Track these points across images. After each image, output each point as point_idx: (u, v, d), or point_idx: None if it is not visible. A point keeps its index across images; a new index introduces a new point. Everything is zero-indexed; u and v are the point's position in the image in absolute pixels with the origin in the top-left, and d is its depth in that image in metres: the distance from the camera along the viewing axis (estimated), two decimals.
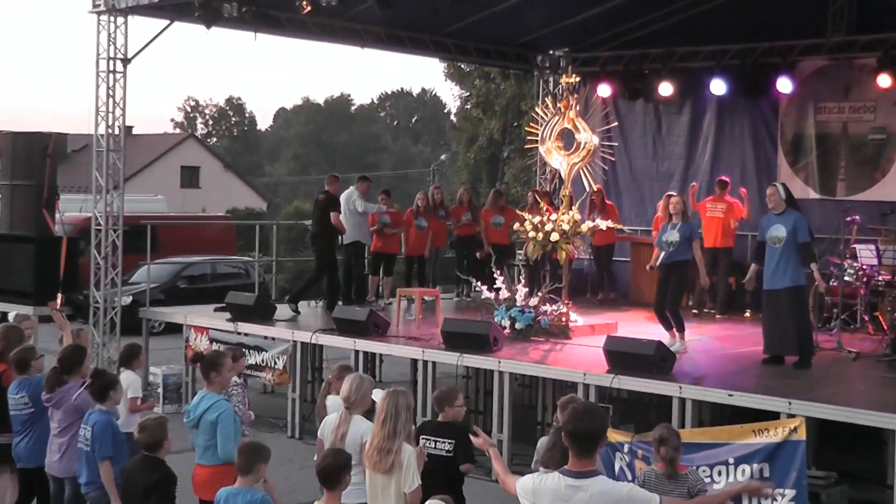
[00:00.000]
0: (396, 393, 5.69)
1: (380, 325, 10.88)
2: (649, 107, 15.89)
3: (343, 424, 6.01)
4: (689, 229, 10.10)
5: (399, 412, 5.59)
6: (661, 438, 5.90)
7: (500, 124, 31.05)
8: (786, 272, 9.19)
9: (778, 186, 9.49)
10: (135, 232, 15.75)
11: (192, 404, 6.61)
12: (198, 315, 12.67)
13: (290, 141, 72.48)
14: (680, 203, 10.15)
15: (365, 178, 14.26)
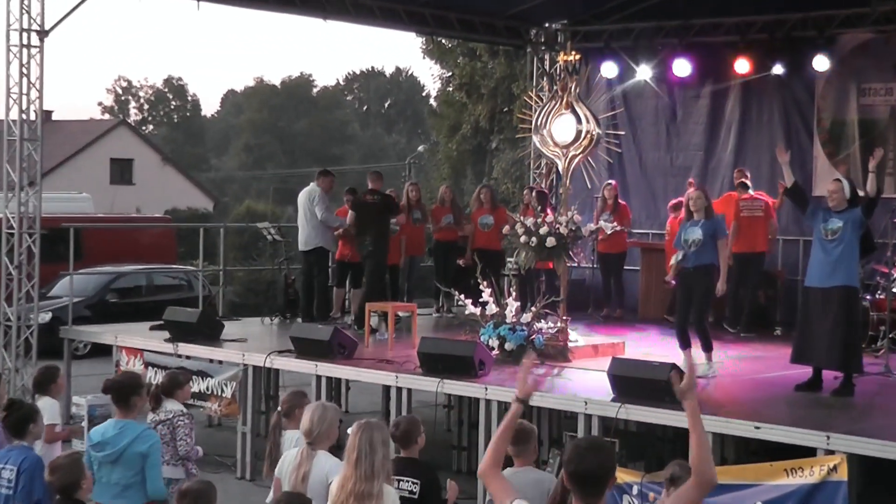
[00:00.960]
0: (370, 426, 5.64)
1: (346, 345, 10.86)
2: (662, 89, 15.94)
3: (305, 462, 5.98)
4: (714, 226, 10.11)
5: (375, 448, 5.54)
6: (674, 478, 5.88)
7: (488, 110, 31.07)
8: (838, 269, 9.17)
9: (843, 182, 9.48)
10: (55, 236, 15.67)
11: (110, 434, 6.56)
12: (130, 335, 12.62)
13: (240, 129, 72.37)
14: (702, 198, 10.17)
15: (327, 172, 14.25)
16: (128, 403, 6.67)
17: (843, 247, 9.21)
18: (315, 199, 13.71)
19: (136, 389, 6.73)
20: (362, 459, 5.47)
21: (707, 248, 10.07)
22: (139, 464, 6.42)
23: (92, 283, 19.38)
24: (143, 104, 75.42)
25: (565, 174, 11.58)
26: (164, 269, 20.94)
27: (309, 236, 13.78)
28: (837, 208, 9.33)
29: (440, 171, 34.83)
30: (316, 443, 6.05)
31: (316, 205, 13.68)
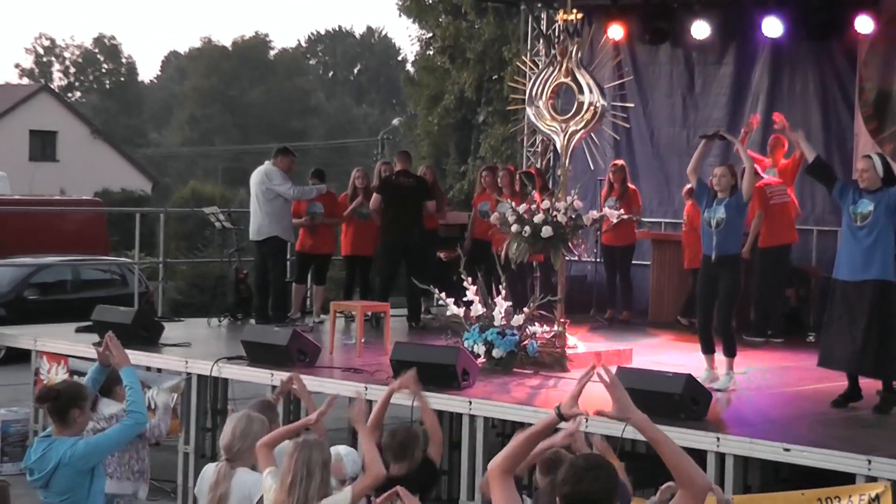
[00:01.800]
0: (308, 445, 5.67)
1: (307, 351, 10.84)
2: (678, 54, 15.95)
3: (223, 481, 6.00)
4: (739, 201, 10.12)
5: (312, 471, 5.57)
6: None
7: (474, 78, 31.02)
8: (871, 261, 9.19)
9: (874, 158, 9.48)
10: None
11: (37, 456, 6.55)
12: (53, 338, 12.57)
13: (184, 98, 72.21)
14: (727, 175, 10.19)
15: (287, 151, 14.24)
16: (65, 418, 6.64)
17: (877, 233, 9.22)
18: (274, 178, 13.69)
19: (78, 401, 6.69)
20: (297, 485, 5.50)
21: (733, 230, 10.10)
22: (71, 482, 6.42)
23: (7, 277, 19.30)
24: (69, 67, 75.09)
25: (564, 153, 11.59)
26: (93, 261, 20.85)
27: (262, 224, 13.75)
28: (870, 188, 9.35)
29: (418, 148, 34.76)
30: (236, 459, 6.09)
31: (276, 185, 13.65)
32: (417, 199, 14.07)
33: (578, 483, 4.21)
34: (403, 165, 14.45)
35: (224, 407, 12.15)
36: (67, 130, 46.41)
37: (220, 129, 69.51)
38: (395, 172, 14.37)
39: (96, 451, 6.68)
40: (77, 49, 74.99)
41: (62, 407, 6.67)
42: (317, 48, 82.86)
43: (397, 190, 14.04)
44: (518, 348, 10.80)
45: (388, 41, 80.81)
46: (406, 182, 14.13)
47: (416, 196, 14.03)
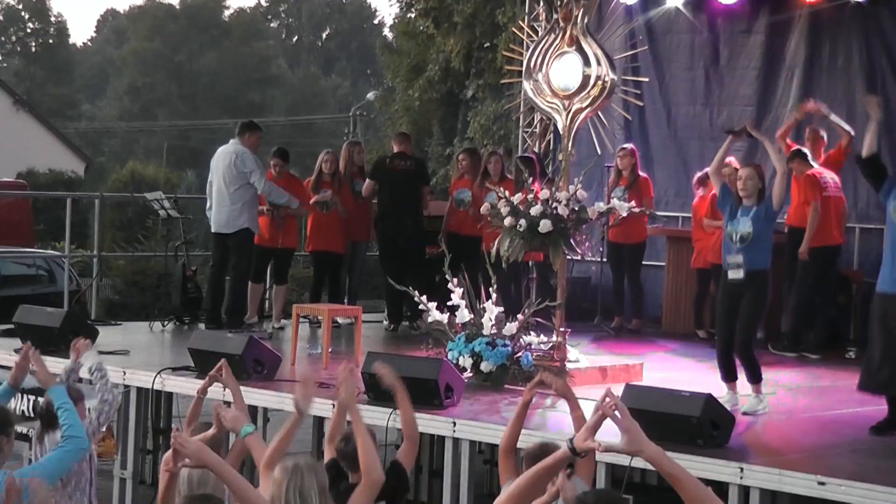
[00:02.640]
0: (299, 470, 5.69)
1: (264, 361, 10.86)
2: (700, 20, 15.99)
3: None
4: (768, 211, 10.12)
5: (306, 498, 5.59)
6: None
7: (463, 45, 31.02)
8: None
9: None
10: None
11: None
12: None
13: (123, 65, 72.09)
14: (755, 178, 10.17)
15: (254, 126, 14.30)
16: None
17: None
18: (245, 161, 13.71)
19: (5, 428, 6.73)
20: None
21: (762, 246, 10.07)
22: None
23: None
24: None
25: (567, 135, 11.61)
26: (15, 253, 20.80)
27: (231, 214, 13.75)
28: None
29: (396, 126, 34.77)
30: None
31: (249, 171, 13.68)
32: (416, 185, 14.36)
33: None
34: (401, 147, 14.77)
35: (168, 425, 12.16)
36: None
37: (165, 102, 69.45)
38: (391, 155, 14.66)
39: None
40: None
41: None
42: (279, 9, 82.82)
43: (393, 175, 14.26)
44: (510, 361, 10.81)
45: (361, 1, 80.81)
46: (402, 165, 14.44)
47: (413, 181, 14.35)
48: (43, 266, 20.50)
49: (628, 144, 15.12)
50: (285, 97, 70.97)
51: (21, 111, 47.65)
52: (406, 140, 15.30)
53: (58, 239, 27.59)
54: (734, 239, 10.09)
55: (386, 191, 14.44)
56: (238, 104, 63.31)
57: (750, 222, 10.04)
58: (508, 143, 24.76)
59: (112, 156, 63.04)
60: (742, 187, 10.15)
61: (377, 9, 78.68)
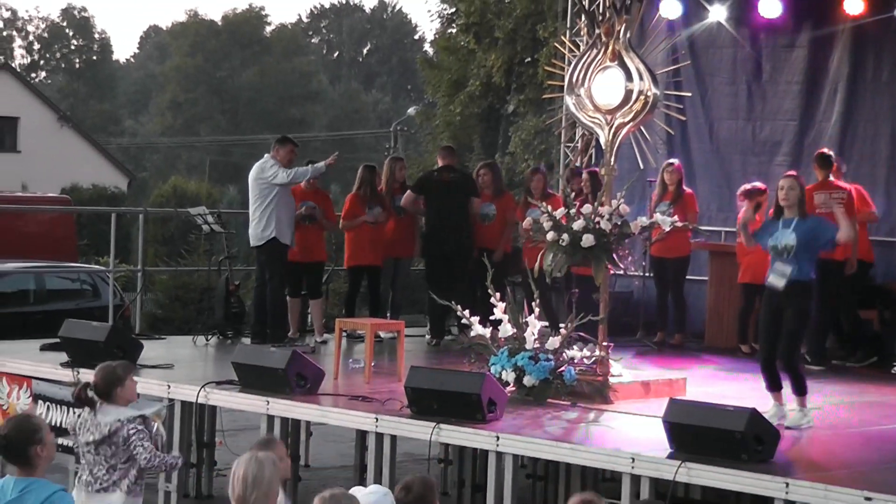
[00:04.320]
0: (336, 500, 5.71)
1: (307, 375, 10.88)
2: (743, 35, 15.97)
3: None
4: (815, 229, 10.10)
5: None
6: None
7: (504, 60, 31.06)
8: None
9: None
10: None
11: (8, 499, 6.57)
12: (14, 356, 12.61)
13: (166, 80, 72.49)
14: (796, 188, 10.15)
15: (287, 140, 14.30)
16: (25, 458, 6.67)
17: None
18: (267, 170, 13.76)
19: (33, 437, 6.71)
20: None
21: (806, 256, 10.06)
22: None
23: None
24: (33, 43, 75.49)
25: (609, 149, 11.60)
26: (59, 268, 20.96)
27: (258, 227, 13.80)
28: None
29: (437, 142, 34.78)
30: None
31: (270, 176, 13.70)
32: (464, 198, 14.44)
33: None
34: (447, 161, 14.87)
35: (211, 439, 12.20)
36: (30, 116, 46.61)
37: (207, 117, 69.73)
38: (438, 168, 14.76)
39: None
40: (42, 22, 75.47)
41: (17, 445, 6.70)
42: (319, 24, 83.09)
43: (440, 187, 14.35)
44: (553, 376, 10.79)
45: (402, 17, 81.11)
46: (450, 178, 14.55)
47: (462, 194, 14.44)
48: (87, 281, 20.64)
49: (674, 160, 15.09)
50: (326, 112, 71.18)
51: (65, 127, 47.93)
52: (452, 153, 15.38)
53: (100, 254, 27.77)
54: (779, 251, 10.11)
55: (434, 205, 14.50)
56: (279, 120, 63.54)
57: (792, 234, 10.04)
58: (549, 158, 24.79)
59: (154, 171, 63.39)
60: (784, 197, 10.15)
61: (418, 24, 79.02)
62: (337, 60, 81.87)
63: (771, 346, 10.24)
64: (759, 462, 8.57)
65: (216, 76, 70.62)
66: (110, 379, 8.36)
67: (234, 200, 41.16)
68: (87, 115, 64.98)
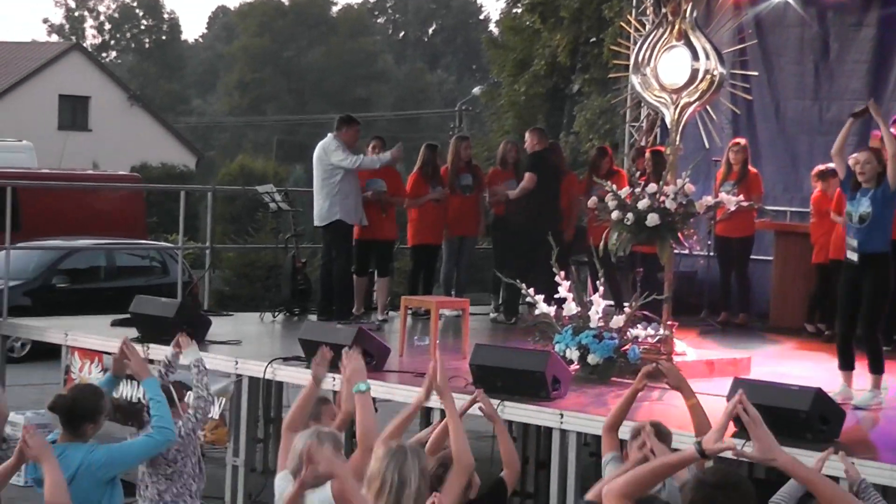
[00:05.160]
0: (402, 452, 5.74)
1: (374, 352, 10.90)
2: (810, 14, 15.83)
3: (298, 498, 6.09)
4: (886, 192, 9.96)
5: (405, 480, 5.64)
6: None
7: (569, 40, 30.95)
8: None
9: None
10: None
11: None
12: (85, 331, 12.73)
13: (232, 60, 72.78)
14: (872, 161, 10.05)
15: (351, 120, 14.30)
16: (77, 430, 6.79)
17: None
18: (331, 152, 13.77)
19: (94, 415, 6.85)
20: (388, 492, 5.58)
21: (880, 226, 9.97)
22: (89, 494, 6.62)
23: (33, 262, 19.59)
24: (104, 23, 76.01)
25: (674, 129, 11.56)
26: (129, 245, 21.11)
27: (323, 207, 13.84)
28: None
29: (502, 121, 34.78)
30: None
31: (337, 160, 13.71)
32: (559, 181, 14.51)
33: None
34: (542, 143, 14.76)
35: (278, 415, 12.27)
36: (101, 96, 46.91)
37: (273, 97, 69.93)
38: (546, 149, 14.66)
39: (117, 462, 6.86)
40: (113, 3, 75.91)
41: (76, 419, 6.83)
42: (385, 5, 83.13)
43: (552, 170, 14.39)
44: (617, 354, 10.79)
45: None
46: (557, 160, 14.67)
47: (560, 177, 14.53)
48: (156, 258, 20.83)
49: (741, 139, 14.99)
50: (391, 92, 71.22)
51: (135, 106, 48.20)
52: (543, 135, 15.14)
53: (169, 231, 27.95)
54: (853, 220, 10.03)
55: (546, 186, 14.38)
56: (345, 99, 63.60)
57: (869, 202, 9.96)
58: (614, 137, 24.70)
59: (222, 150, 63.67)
60: (860, 171, 10.07)
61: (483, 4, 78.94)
62: (402, 40, 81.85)
63: (848, 323, 10.17)
64: (823, 442, 8.50)
65: (283, 56, 70.80)
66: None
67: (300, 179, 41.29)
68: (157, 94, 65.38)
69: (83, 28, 75.25)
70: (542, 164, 14.52)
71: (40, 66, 45.95)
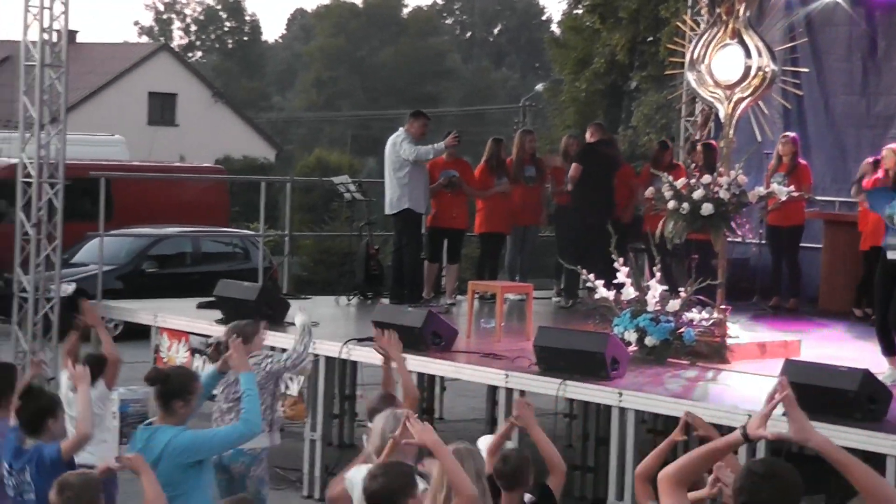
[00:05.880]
0: (460, 454, 5.77)
1: (442, 334, 10.92)
2: (859, 13, 15.64)
3: None
4: None
5: None
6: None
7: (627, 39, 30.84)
8: None
9: None
10: (81, 188, 15.95)
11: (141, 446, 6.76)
12: (173, 313, 12.86)
13: (309, 60, 73.01)
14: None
15: (420, 114, 14.30)
16: (168, 406, 6.86)
17: None
18: (397, 145, 13.78)
19: (183, 394, 6.93)
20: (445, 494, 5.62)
21: None
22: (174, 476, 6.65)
23: (125, 249, 19.76)
24: (190, 25, 76.47)
25: (728, 123, 11.47)
26: (214, 232, 21.23)
27: (393, 196, 13.87)
28: None
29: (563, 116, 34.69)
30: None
31: (401, 150, 13.71)
32: (613, 173, 14.45)
33: (757, 493, 4.19)
34: (604, 136, 14.80)
35: (353, 392, 12.32)
36: (187, 93, 47.22)
37: (348, 93, 70.08)
38: (598, 141, 14.62)
39: (201, 447, 6.88)
40: (198, 6, 76.37)
41: (167, 394, 6.90)
42: (453, 6, 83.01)
43: (600, 159, 14.33)
44: (673, 336, 10.72)
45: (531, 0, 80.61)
46: (609, 152, 14.53)
47: (614, 169, 14.46)
48: (239, 244, 20.93)
49: (790, 133, 14.86)
50: (458, 89, 71.13)
51: (218, 103, 48.47)
52: (602, 129, 15.20)
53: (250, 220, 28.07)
54: (893, 221, 9.91)
55: (594, 177, 14.29)
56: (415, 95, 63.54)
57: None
58: (670, 131, 24.56)
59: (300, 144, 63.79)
60: (892, 166, 9.98)
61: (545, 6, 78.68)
62: (469, 40, 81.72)
63: (886, 311, 10.07)
64: (871, 421, 8.44)
65: (357, 55, 70.90)
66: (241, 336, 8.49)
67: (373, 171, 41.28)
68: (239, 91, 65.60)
69: (171, 30, 75.72)
70: (589, 155, 14.49)
71: (131, 66, 46.30)
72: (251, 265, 18.72)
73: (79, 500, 5.97)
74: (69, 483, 6.06)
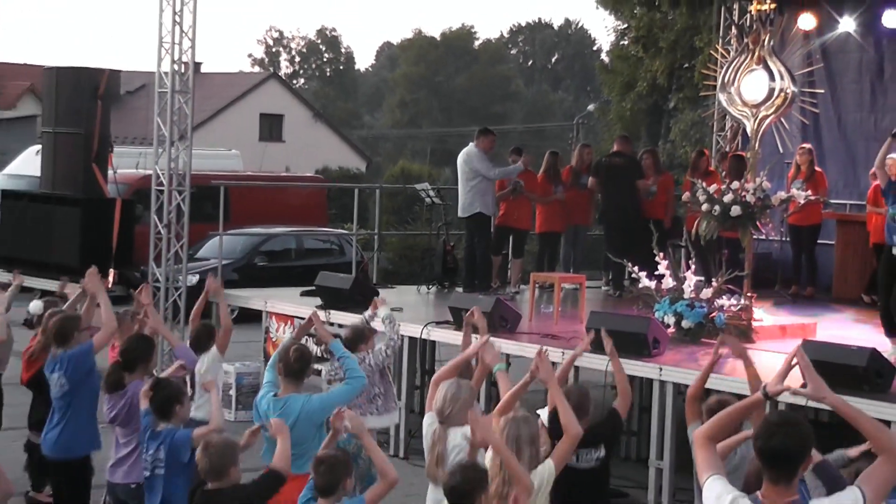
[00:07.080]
0: (516, 421, 5.75)
1: (508, 318, 10.93)
2: (868, 42, 15.45)
3: (438, 443, 6.11)
4: None
5: (521, 447, 5.64)
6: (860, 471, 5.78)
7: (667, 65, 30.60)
8: None
9: None
10: (203, 195, 16.08)
11: (277, 413, 6.88)
12: (281, 300, 12.94)
13: (395, 84, 73.15)
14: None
15: (488, 131, 14.33)
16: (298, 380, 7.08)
17: None
18: (474, 160, 13.79)
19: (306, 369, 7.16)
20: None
21: None
22: (306, 434, 6.87)
23: (240, 245, 19.89)
24: (295, 56, 76.92)
25: (754, 137, 11.39)
26: (314, 231, 21.35)
27: (466, 201, 13.89)
28: None
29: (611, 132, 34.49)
30: (448, 423, 6.18)
31: (476, 166, 13.74)
32: (630, 178, 14.13)
33: (771, 438, 4.20)
34: (619, 147, 14.66)
35: (432, 367, 12.34)
36: (292, 114, 47.49)
37: (428, 113, 70.20)
38: (609, 154, 14.54)
39: (326, 407, 7.03)
40: (302, 40, 76.80)
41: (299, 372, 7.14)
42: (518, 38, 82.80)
43: (608, 169, 14.18)
44: (706, 320, 10.69)
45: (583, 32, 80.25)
46: (617, 162, 14.27)
47: (627, 174, 14.12)
48: (335, 242, 21.02)
49: (807, 144, 14.72)
50: (521, 109, 70.96)
51: (318, 122, 48.70)
52: (625, 141, 15.08)
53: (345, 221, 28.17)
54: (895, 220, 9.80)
55: (603, 184, 14.34)
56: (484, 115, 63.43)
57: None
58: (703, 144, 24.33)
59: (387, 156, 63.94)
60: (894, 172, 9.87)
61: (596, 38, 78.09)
62: (531, 67, 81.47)
63: (886, 302, 9.95)
64: (878, 392, 8.37)
65: (435, 81, 70.97)
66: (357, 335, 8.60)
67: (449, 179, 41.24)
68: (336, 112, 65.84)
69: (279, 60, 76.21)
70: (597, 168, 14.55)
71: (245, 91, 46.62)
72: (346, 259, 18.81)
73: (221, 457, 6.05)
74: (213, 443, 6.16)
